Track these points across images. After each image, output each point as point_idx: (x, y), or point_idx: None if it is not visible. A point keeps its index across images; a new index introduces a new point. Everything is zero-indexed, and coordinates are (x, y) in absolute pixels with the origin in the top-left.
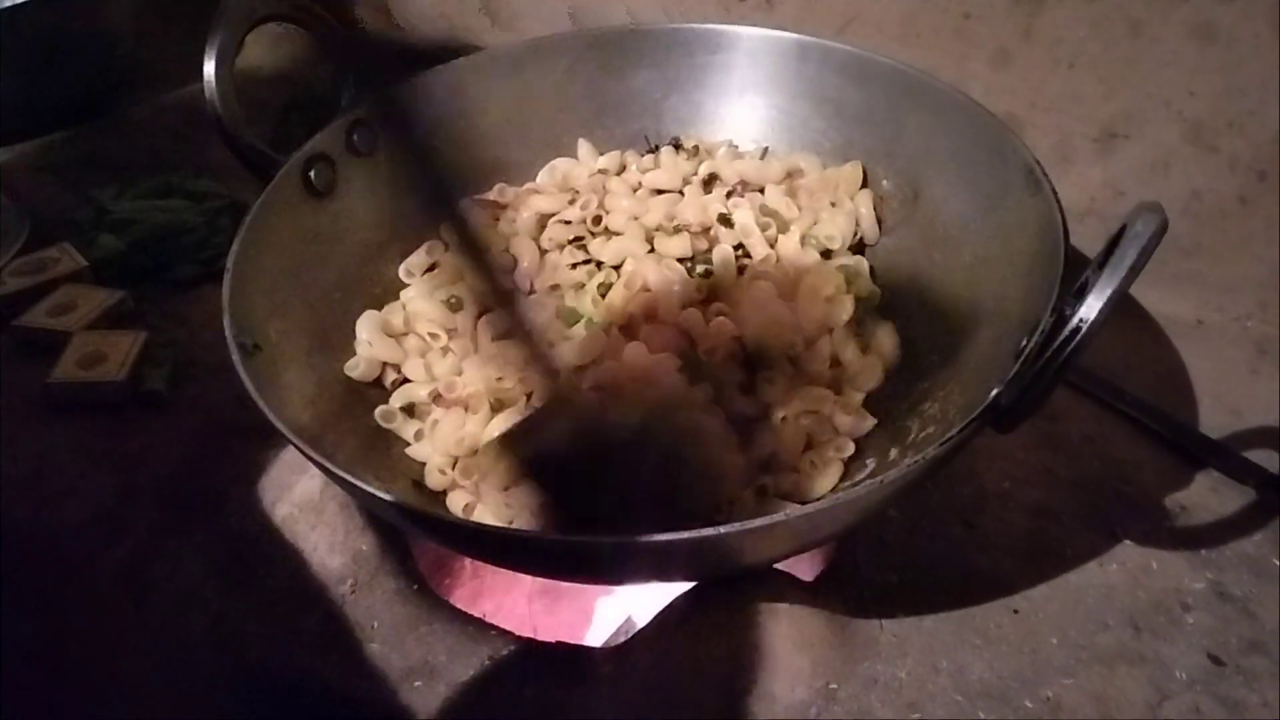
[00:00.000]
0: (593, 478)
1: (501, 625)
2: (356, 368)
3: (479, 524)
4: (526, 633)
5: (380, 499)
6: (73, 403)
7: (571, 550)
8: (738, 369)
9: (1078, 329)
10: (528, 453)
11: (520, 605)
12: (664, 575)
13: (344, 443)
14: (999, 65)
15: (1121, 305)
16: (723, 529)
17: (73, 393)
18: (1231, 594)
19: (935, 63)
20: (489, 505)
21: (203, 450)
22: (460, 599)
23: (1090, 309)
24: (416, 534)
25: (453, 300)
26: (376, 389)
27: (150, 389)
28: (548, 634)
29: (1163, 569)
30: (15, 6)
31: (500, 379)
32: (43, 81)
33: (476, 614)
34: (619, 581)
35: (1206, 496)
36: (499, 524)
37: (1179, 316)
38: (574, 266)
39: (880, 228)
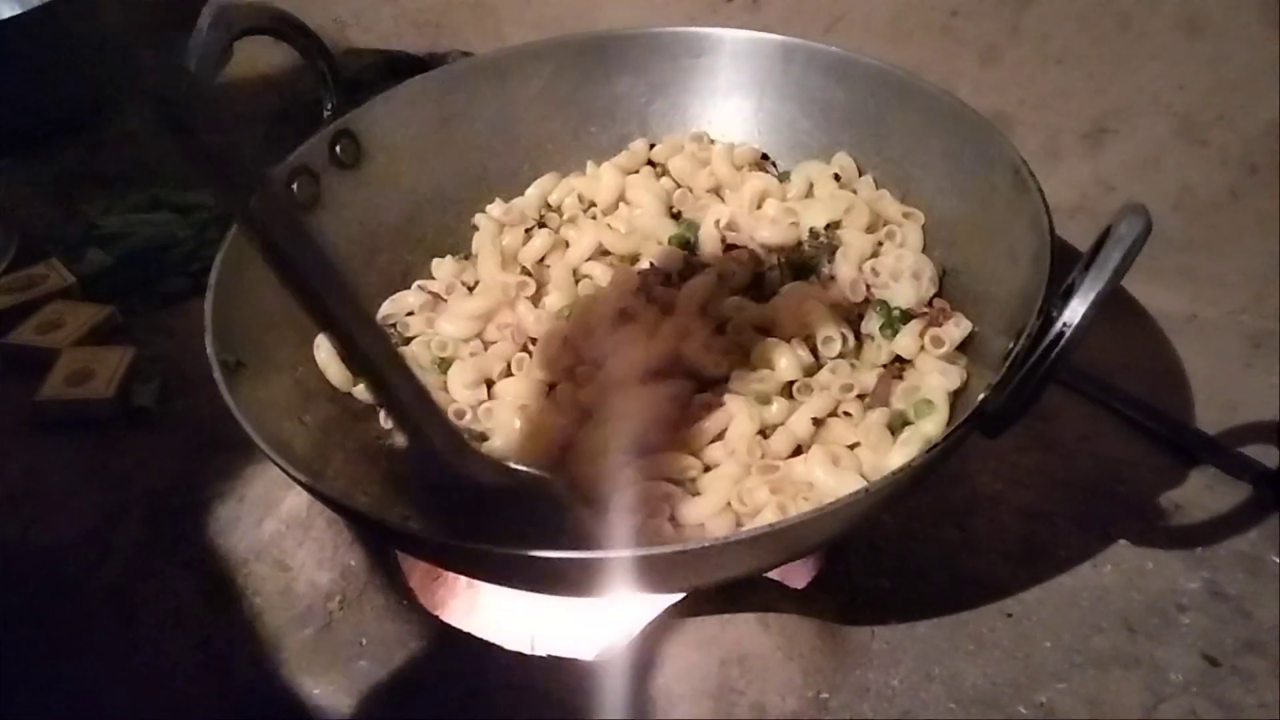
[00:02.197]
0: None
1: (494, 639)
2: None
3: (468, 543)
4: (519, 646)
5: (368, 517)
6: (61, 420)
7: (560, 566)
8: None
9: (1063, 333)
10: None
11: (514, 617)
12: (653, 587)
13: (331, 458)
14: (987, 62)
15: (1113, 301)
16: (708, 541)
17: (61, 410)
18: (1227, 593)
19: (923, 61)
20: None
21: (191, 466)
22: (453, 613)
23: (1075, 313)
24: (406, 552)
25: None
26: (363, 404)
27: (139, 405)
28: (541, 647)
29: (1157, 569)
30: (4, 21)
31: None
32: (29, 96)
33: (469, 628)
34: (607, 594)
35: (1202, 494)
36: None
37: (1172, 311)
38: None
39: None
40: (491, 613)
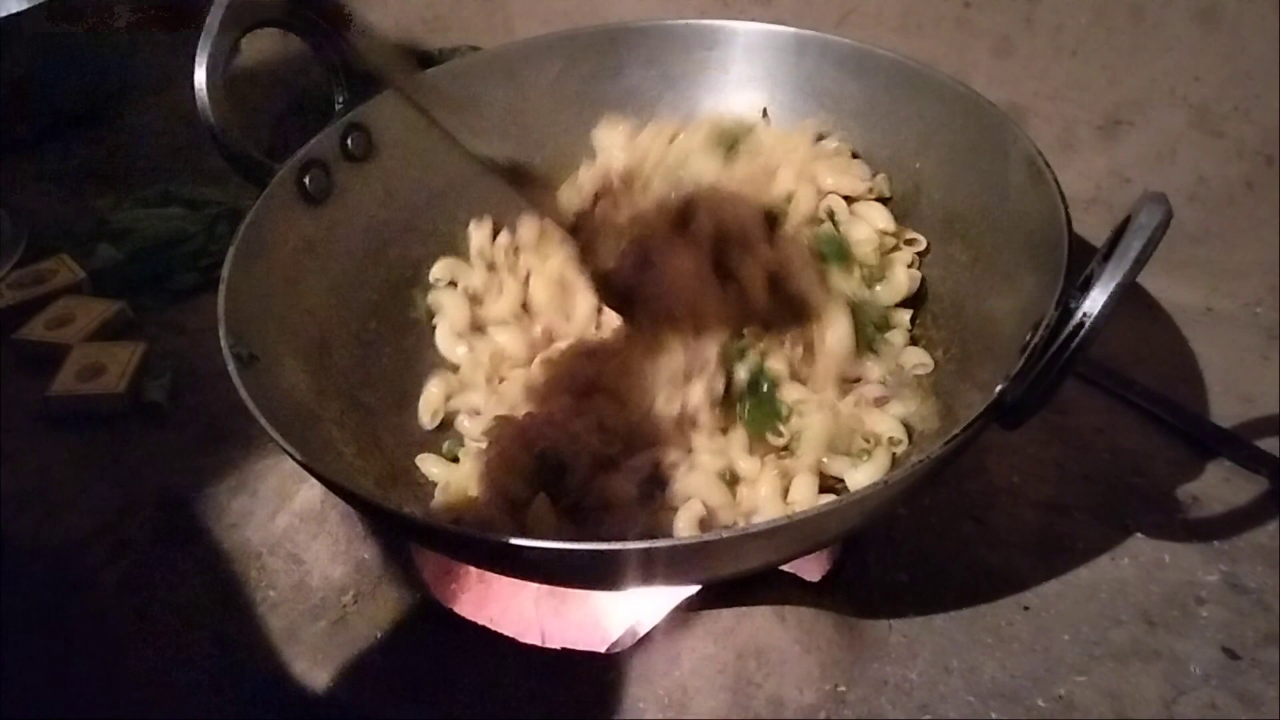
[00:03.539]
0: None
1: (507, 632)
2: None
3: (482, 534)
4: (533, 639)
5: (383, 509)
6: (72, 416)
7: (574, 558)
8: None
9: (1082, 323)
10: None
11: (527, 610)
12: (669, 579)
13: (344, 451)
14: (1001, 54)
15: (1129, 294)
16: (725, 533)
17: (72, 406)
18: (1246, 586)
19: (936, 53)
20: None
21: (203, 461)
22: (465, 605)
23: (1094, 303)
24: (420, 544)
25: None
26: (376, 397)
27: (150, 400)
28: (554, 639)
29: (1175, 562)
30: (11, 16)
31: None
32: (37, 91)
33: (482, 620)
34: (623, 587)
35: (1219, 487)
36: (502, 535)
37: (1188, 304)
38: None
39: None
40: (505, 606)
